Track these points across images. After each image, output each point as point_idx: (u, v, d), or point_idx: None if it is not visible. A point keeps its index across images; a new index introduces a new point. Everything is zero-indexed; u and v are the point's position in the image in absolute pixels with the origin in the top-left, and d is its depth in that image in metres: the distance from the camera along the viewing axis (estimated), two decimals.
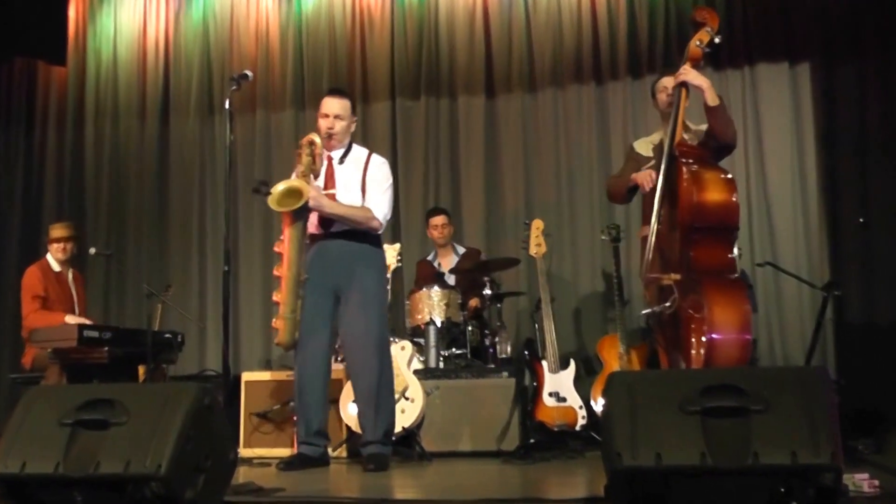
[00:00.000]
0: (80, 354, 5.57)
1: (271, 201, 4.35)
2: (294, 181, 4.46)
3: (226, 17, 8.21)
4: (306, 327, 4.48)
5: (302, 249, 4.39)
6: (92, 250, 6.69)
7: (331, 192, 4.61)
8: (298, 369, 4.60)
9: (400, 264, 6.07)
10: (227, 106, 4.42)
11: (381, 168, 4.73)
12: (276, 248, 4.40)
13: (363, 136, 7.64)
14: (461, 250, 6.95)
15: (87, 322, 5.99)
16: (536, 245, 6.18)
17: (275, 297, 4.36)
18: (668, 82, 4.78)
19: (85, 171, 8.26)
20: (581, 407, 5.70)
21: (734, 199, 4.27)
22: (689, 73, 4.51)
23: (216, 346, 7.58)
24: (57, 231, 6.50)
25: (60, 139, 8.36)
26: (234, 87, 4.45)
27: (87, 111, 8.35)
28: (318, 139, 4.50)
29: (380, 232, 4.65)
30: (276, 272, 4.38)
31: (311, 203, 4.35)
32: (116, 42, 8.38)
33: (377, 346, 4.56)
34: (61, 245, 6.44)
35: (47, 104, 8.45)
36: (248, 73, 4.55)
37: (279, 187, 4.39)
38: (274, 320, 4.40)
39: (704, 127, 4.72)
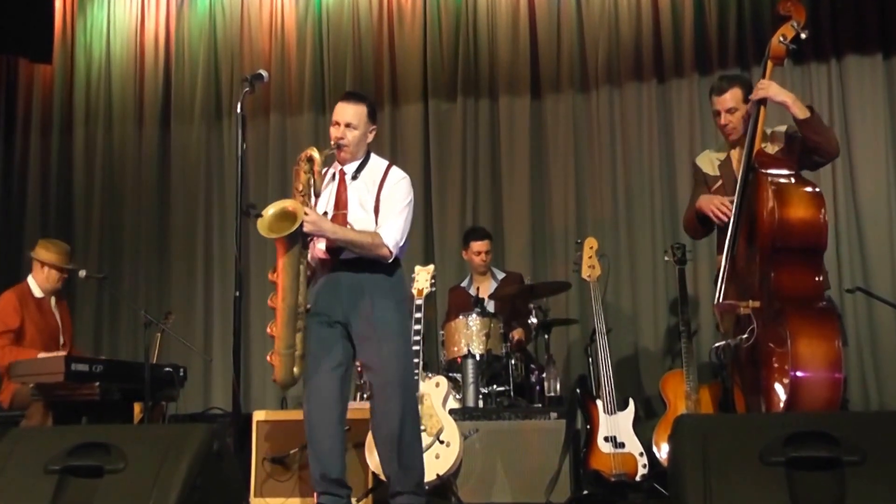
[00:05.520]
0: (68, 391, 5.54)
1: (261, 226, 4.30)
2: (287, 202, 4.39)
3: (235, 9, 8.30)
4: (313, 365, 4.46)
5: (299, 277, 4.35)
6: (82, 273, 6.52)
7: (342, 212, 4.57)
8: (308, 413, 4.59)
9: (434, 289, 6.05)
10: (238, 110, 4.45)
11: (398, 185, 4.63)
12: (270, 277, 4.39)
13: (391, 143, 7.69)
14: (500, 276, 6.93)
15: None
16: (590, 267, 6.15)
17: (269, 331, 4.36)
18: (721, 104, 4.72)
19: (74, 184, 8.37)
20: (642, 454, 5.65)
21: (822, 216, 4.23)
22: (769, 88, 4.48)
23: (223, 382, 7.63)
24: (53, 254, 6.28)
25: (45, 147, 8.47)
26: (247, 90, 4.48)
27: (77, 115, 8.47)
28: (317, 155, 4.40)
29: (390, 261, 4.54)
30: (270, 303, 4.38)
31: (306, 227, 4.29)
32: (110, 37, 8.50)
33: (398, 387, 4.49)
34: (54, 273, 6.26)
35: (30, 107, 8.56)
36: (264, 73, 4.58)
37: (270, 210, 4.35)
38: (269, 355, 4.40)
39: (783, 129, 4.71)
